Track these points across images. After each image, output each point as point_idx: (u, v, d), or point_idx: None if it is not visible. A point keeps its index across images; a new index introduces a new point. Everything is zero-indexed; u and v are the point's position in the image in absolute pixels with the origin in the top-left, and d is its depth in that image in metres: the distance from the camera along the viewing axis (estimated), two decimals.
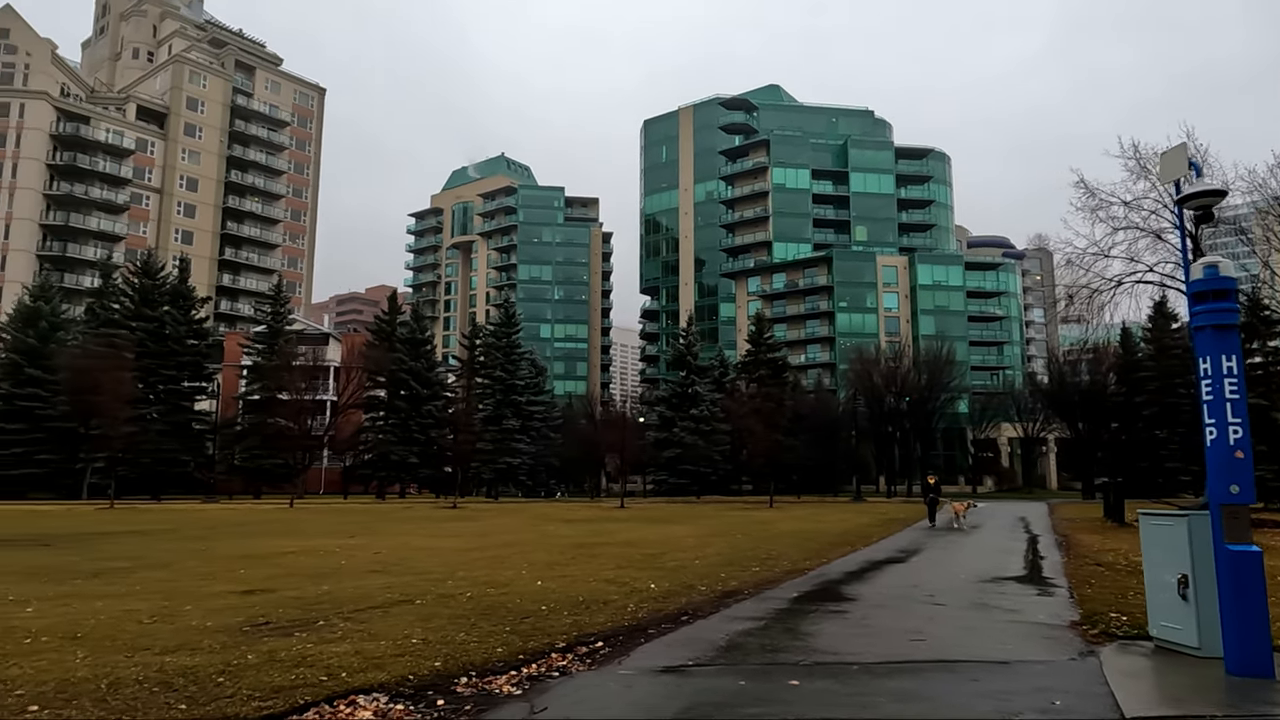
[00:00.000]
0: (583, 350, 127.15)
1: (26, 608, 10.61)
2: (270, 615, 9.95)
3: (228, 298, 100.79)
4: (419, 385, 65.24)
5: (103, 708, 6.11)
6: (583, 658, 7.86)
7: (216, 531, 25.86)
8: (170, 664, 7.39)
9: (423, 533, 25.72)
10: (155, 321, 61.48)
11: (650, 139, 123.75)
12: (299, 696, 6.40)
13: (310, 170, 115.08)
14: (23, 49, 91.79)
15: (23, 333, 57.98)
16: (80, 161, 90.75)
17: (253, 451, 60.30)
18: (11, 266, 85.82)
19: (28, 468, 54.14)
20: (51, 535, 23.88)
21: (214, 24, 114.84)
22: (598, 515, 37.66)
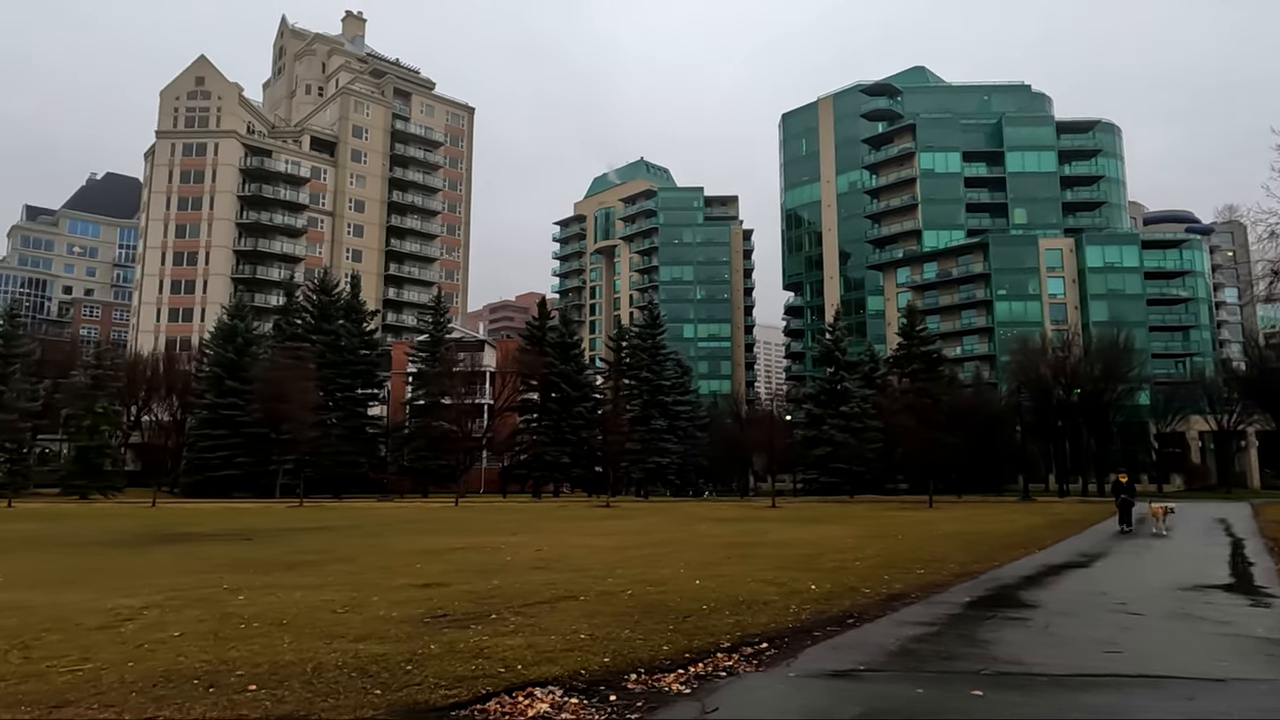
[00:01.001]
0: (726, 349, 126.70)
1: (238, 596, 11.75)
2: (447, 608, 10.51)
3: (393, 310, 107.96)
4: (569, 387, 67.24)
5: (309, 689, 6.66)
6: (749, 658, 7.79)
7: (392, 528, 27.68)
8: (363, 651, 7.96)
9: (579, 531, 26.45)
10: (332, 334, 66.77)
11: (789, 132, 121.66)
12: (480, 686, 6.71)
13: (463, 186, 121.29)
14: (215, 94, 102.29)
15: (223, 349, 64.55)
16: (265, 191, 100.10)
17: (420, 453, 64.19)
18: (212, 289, 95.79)
19: (229, 469, 60.23)
20: (252, 530, 26.38)
21: (374, 56, 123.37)
22: (748, 515, 37.36)
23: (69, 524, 30.36)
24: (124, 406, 67.51)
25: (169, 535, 24.46)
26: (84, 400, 60.34)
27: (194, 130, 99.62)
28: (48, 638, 8.72)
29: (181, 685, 6.80)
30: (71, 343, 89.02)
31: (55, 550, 19.97)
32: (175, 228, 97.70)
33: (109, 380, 62.85)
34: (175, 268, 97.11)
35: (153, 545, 21.26)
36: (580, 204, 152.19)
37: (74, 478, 59.20)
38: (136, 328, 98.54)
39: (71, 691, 6.63)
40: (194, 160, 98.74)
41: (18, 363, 63.23)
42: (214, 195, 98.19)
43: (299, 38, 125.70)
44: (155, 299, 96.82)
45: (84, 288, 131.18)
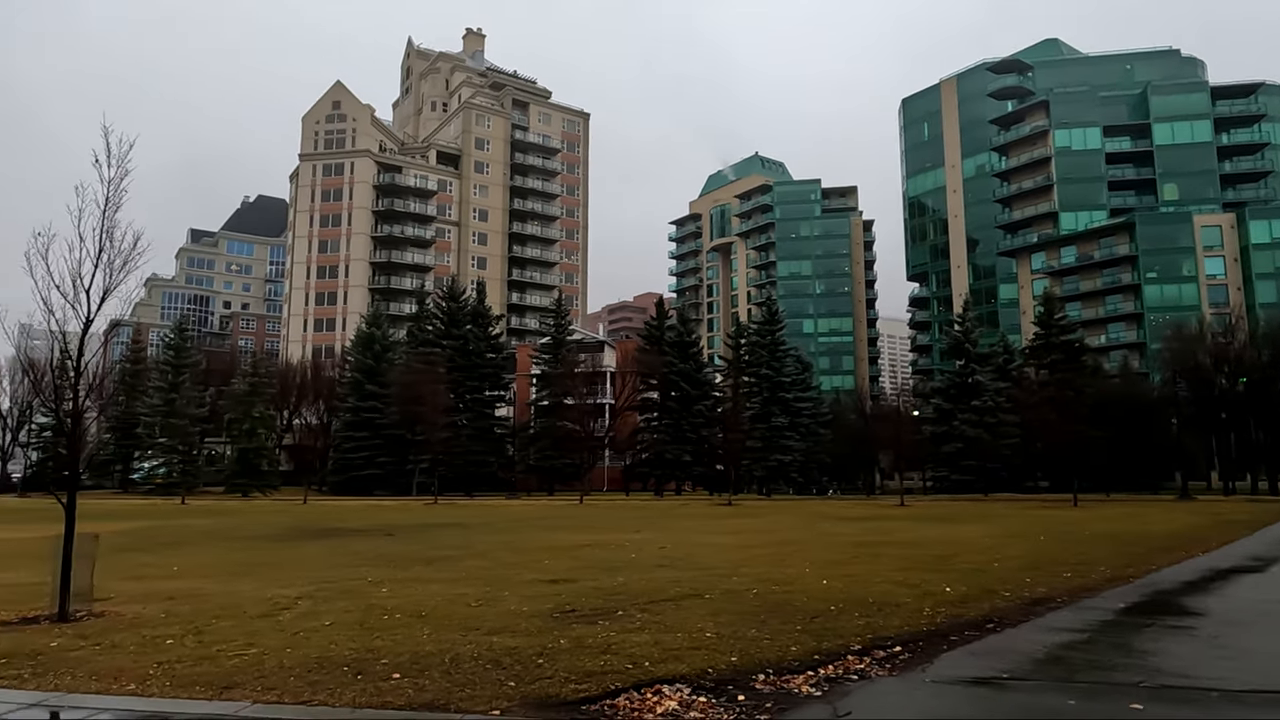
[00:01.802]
0: (848, 344, 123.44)
1: (381, 588, 12.43)
2: (575, 604, 10.73)
3: (517, 314, 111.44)
4: (688, 386, 67.34)
5: (448, 679, 6.95)
6: (881, 662, 7.54)
7: (521, 525, 28.57)
8: (497, 644, 8.23)
9: (702, 529, 26.43)
10: (461, 339, 69.63)
11: (909, 117, 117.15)
12: (609, 682, 6.81)
13: (580, 190, 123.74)
14: (350, 116, 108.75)
15: (362, 355, 68.56)
16: (396, 205, 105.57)
17: (545, 452, 65.95)
18: (351, 299, 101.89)
19: (371, 469, 63.90)
20: (393, 526, 27.85)
21: (493, 69, 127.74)
22: (875, 513, 36.26)
23: (233, 519, 33.04)
24: (277, 411, 72.85)
25: (319, 530, 26.18)
26: (243, 406, 65.57)
27: (332, 151, 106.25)
28: (218, 624, 9.51)
29: (333, 671, 7.25)
30: (231, 353, 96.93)
31: (223, 544, 21.77)
32: (318, 243, 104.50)
33: (264, 387, 68.06)
34: (318, 281, 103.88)
35: (305, 540, 22.82)
36: (695, 202, 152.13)
37: (236, 477, 64.48)
38: (286, 338, 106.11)
39: (238, 674, 7.19)
40: (333, 180, 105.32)
41: (187, 373, 69.43)
42: (351, 211, 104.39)
43: (424, 57, 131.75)
44: (302, 311, 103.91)
45: (241, 302, 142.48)
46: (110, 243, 10.28)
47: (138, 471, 71.60)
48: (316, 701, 6.36)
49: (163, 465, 68.36)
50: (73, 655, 7.93)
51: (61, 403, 11.37)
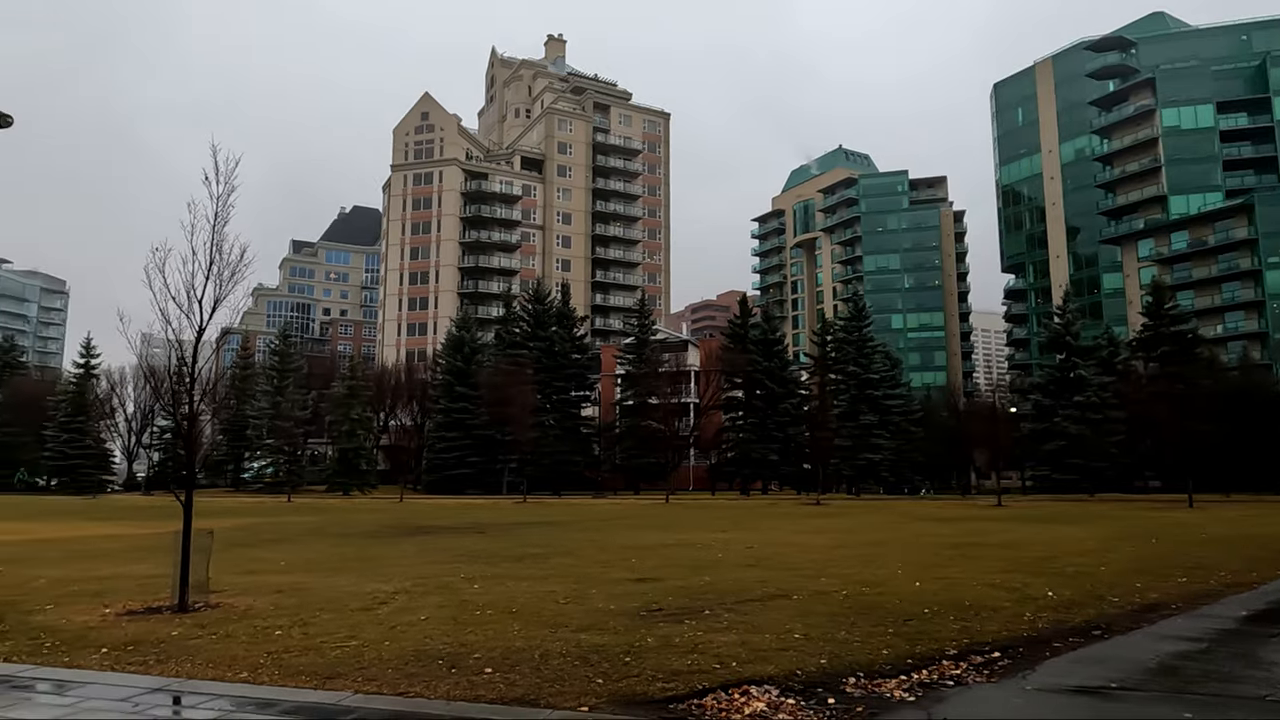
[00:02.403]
0: (939, 339, 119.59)
1: (473, 585, 12.76)
2: (661, 602, 10.76)
3: (600, 315, 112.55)
4: (774, 384, 66.59)
5: (538, 675, 7.08)
6: (978, 668, 7.28)
7: (607, 524, 28.83)
8: (585, 641, 8.34)
9: (789, 528, 26.10)
10: (546, 341, 70.84)
11: (1002, 103, 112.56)
12: (696, 681, 6.80)
13: (661, 190, 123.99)
14: (438, 127, 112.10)
15: (452, 358, 70.58)
16: (483, 211, 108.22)
17: (630, 451, 66.42)
18: (441, 304, 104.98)
19: (463, 468, 65.73)
20: (483, 524, 28.55)
21: (574, 74, 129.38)
22: (971, 514, 35.02)
23: (334, 516, 34.52)
24: (374, 413, 75.73)
25: (414, 528, 27.08)
26: (342, 408, 68.49)
27: (421, 161, 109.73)
28: (321, 616, 9.96)
29: (428, 664, 7.49)
30: (331, 358, 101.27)
31: (325, 540, 22.77)
32: (409, 250, 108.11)
33: (362, 390, 70.90)
34: (410, 286, 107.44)
35: (401, 537, 23.64)
36: (778, 198, 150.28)
37: (337, 476, 67.43)
38: (382, 342, 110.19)
39: (340, 665, 7.51)
40: (422, 188, 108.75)
41: (290, 377, 73.01)
42: (440, 218, 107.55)
43: (507, 66, 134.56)
44: (396, 316, 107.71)
45: (339, 309, 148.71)
46: (220, 255, 10.92)
47: (248, 471, 75.72)
48: (413, 693, 6.58)
49: (270, 465, 72.15)
50: (191, 644, 8.44)
51: (179, 407, 12.13)
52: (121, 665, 7.58)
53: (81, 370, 77.15)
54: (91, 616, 10.07)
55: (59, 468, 72.25)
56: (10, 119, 11.06)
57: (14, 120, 11.08)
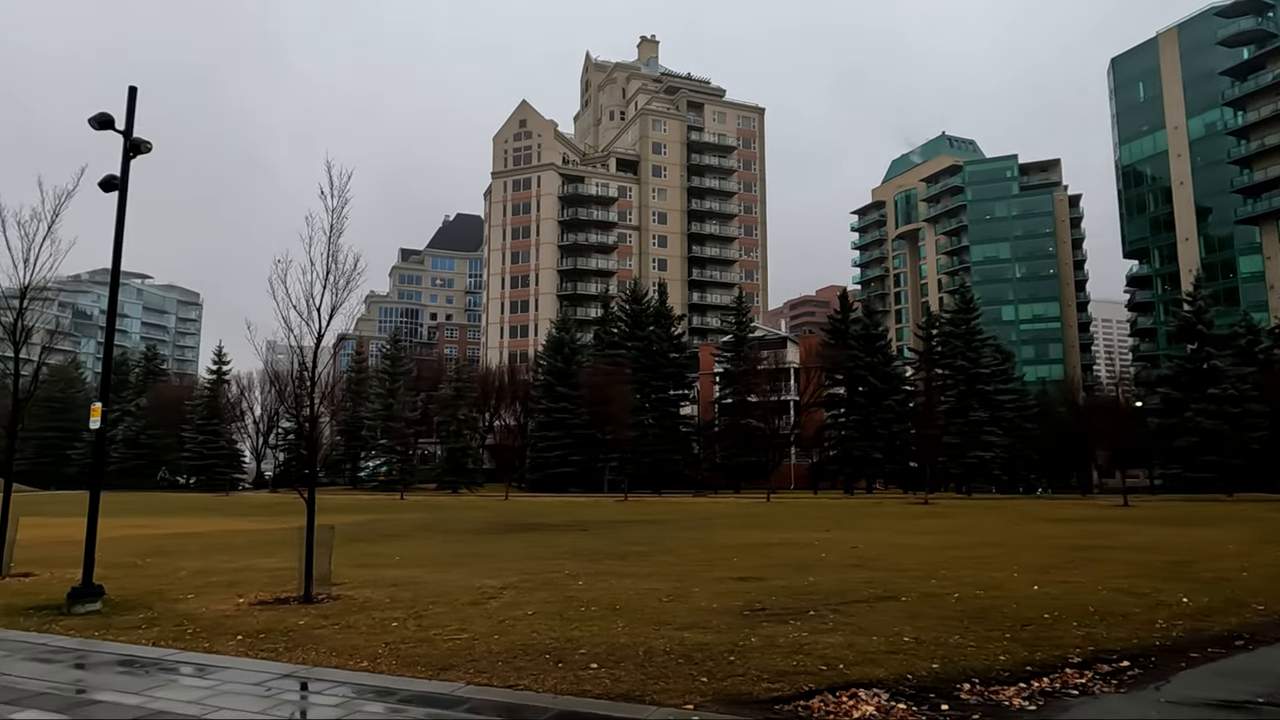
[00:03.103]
0: (1054, 330, 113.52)
1: (578, 581, 12.97)
2: (764, 602, 10.66)
3: (697, 313, 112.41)
4: (877, 380, 64.83)
5: (642, 671, 7.13)
6: (1105, 677, 6.88)
7: (709, 523, 28.77)
8: (688, 639, 8.35)
9: (896, 529, 25.37)
10: (644, 341, 71.30)
11: (1120, 78, 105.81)
12: (802, 683, 6.70)
13: (757, 186, 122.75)
14: (536, 133, 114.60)
15: (552, 359, 72.01)
16: (580, 214, 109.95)
17: (730, 450, 66.01)
18: (541, 307, 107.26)
19: (565, 467, 66.96)
20: (586, 522, 28.99)
21: (667, 74, 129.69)
22: (1093, 514, 33.11)
23: (444, 514, 35.80)
24: (480, 413, 78.08)
25: (519, 525, 27.77)
26: (450, 409, 70.93)
27: (520, 168, 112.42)
28: (434, 609, 10.34)
29: (536, 658, 7.66)
30: (438, 361, 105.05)
31: (436, 536, 23.65)
32: (510, 255, 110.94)
33: (467, 391, 73.25)
34: (512, 290, 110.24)
35: (507, 534, 24.29)
36: (878, 189, 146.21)
37: (446, 474, 69.92)
38: (485, 345, 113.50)
39: (453, 656, 7.78)
40: (521, 194, 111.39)
41: (401, 380, 76.13)
42: (539, 223, 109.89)
43: (601, 70, 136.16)
44: (498, 319, 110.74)
45: (445, 313, 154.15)
46: (335, 265, 11.50)
47: (364, 469, 79.43)
48: (522, 686, 6.75)
49: (384, 464, 75.48)
50: (316, 633, 8.93)
51: (301, 409, 12.85)
52: (254, 652, 8.09)
53: (214, 376, 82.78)
54: (227, 606, 10.79)
55: (196, 467, 77.73)
56: (149, 145, 11.97)
57: (153, 146, 11.99)
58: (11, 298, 14.65)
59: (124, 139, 11.87)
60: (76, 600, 10.56)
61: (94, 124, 11.65)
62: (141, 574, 14.31)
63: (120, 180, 11.87)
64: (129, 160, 11.91)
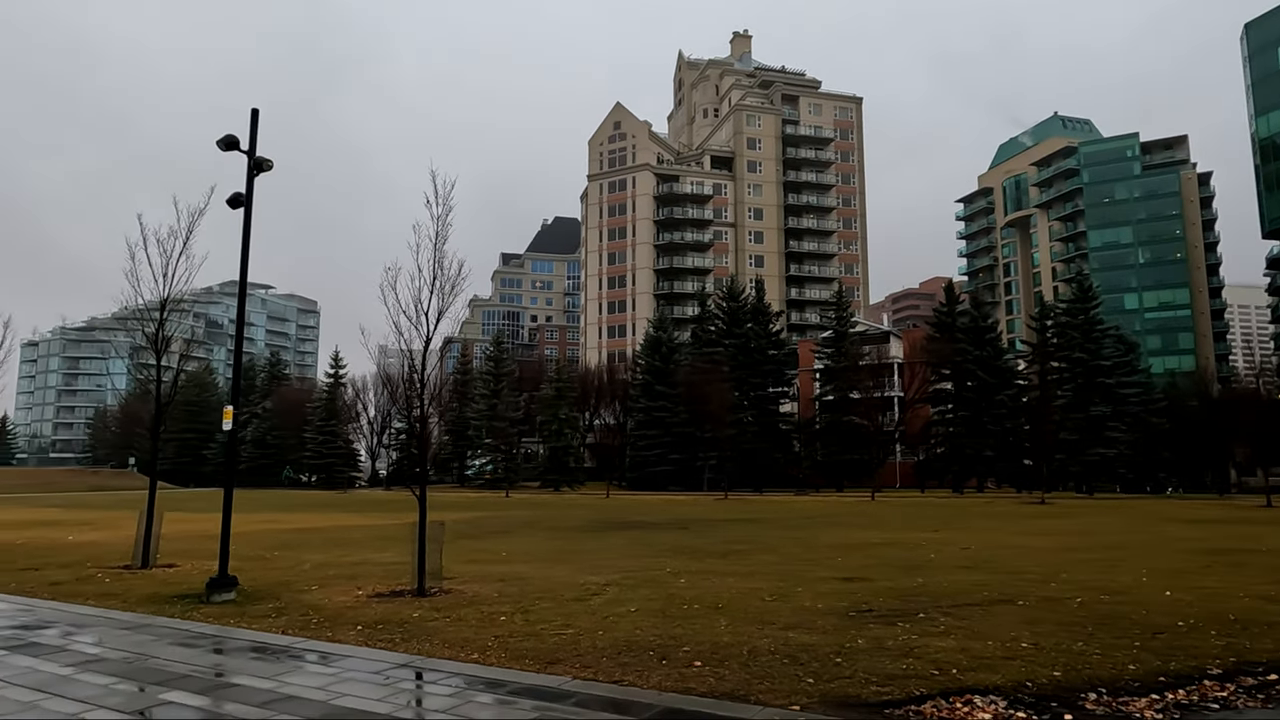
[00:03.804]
0: (1184, 318, 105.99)
1: (679, 579, 13.00)
2: (871, 603, 10.40)
3: (796, 309, 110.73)
4: (986, 375, 62.18)
5: (746, 671, 7.09)
6: (1249, 691, 6.39)
7: (811, 521, 28.30)
8: (793, 640, 8.24)
9: (1010, 529, 24.28)
10: (742, 338, 70.78)
11: (1255, 44, 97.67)
12: (912, 687, 6.50)
13: (855, 178, 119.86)
14: (630, 134, 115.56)
15: (650, 358, 72.43)
16: (675, 213, 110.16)
17: (831, 448, 64.74)
18: (638, 306, 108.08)
19: (663, 465, 67.22)
20: (687, 520, 29.01)
21: (761, 69, 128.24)
22: (1231, 515, 30.76)
23: (547, 511, 36.55)
24: (580, 412, 79.33)
25: (620, 523, 28.05)
26: (551, 409, 72.37)
27: (615, 170, 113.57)
28: (540, 605, 10.58)
29: (640, 655, 7.73)
30: (539, 362, 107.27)
31: (540, 533, 24.17)
32: (607, 256, 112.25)
33: (568, 391, 74.55)
34: (609, 290, 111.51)
35: (609, 531, 24.58)
36: (985, 176, 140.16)
37: (548, 472, 71.41)
38: (584, 345, 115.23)
39: (559, 651, 7.94)
40: (617, 195, 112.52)
41: (504, 381, 78.22)
42: (635, 223, 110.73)
43: (693, 68, 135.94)
44: (596, 319, 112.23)
45: (544, 315, 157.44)
46: (441, 271, 11.92)
47: (470, 468, 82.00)
48: (626, 681, 6.82)
49: (489, 462, 77.73)
50: (429, 625, 9.28)
51: (412, 409, 13.37)
52: (373, 642, 8.48)
53: (332, 380, 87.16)
54: (347, 597, 11.35)
55: (316, 465, 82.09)
56: (270, 163, 12.74)
57: (274, 164, 12.75)
58: (153, 310, 15.88)
59: (248, 158, 12.66)
60: (214, 590, 11.34)
61: (221, 145, 12.48)
62: (269, 566, 15.22)
63: (245, 197, 12.67)
64: (253, 177, 12.69)
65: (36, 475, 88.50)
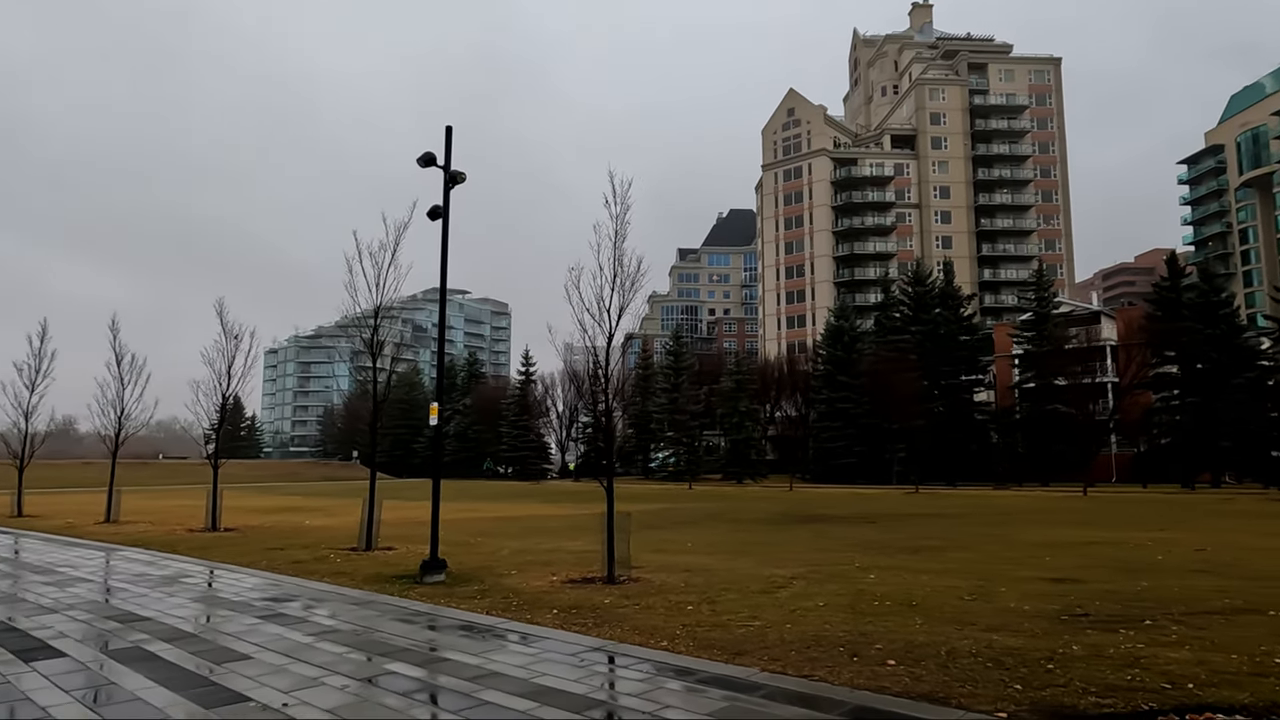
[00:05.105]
0: None
1: (869, 575, 12.59)
2: (1086, 607, 9.56)
3: (989, 291, 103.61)
4: (1220, 356, 55.08)
5: (945, 673, 6.74)
6: None
7: (1011, 518, 26.43)
8: (996, 642, 7.73)
9: (1253, 530, 21.41)
10: (929, 324, 67.23)
11: None
12: (1139, 700, 5.91)
13: (1055, 146, 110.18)
14: (805, 120, 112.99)
15: (832, 348, 70.57)
16: (854, 198, 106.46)
17: (1034, 439, 60.03)
18: (818, 295, 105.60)
19: (847, 458, 65.28)
20: (874, 514, 28.03)
21: (944, 39, 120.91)
22: None
23: (729, 504, 36.64)
24: (760, 405, 78.81)
25: (804, 516, 27.59)
26: (731, 402, 72.45)
27: (790, 157, 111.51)
28: (726, 596, 10.63)
29: (829, 650, 7.56)
30: (718, 355, 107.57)
31: (723, 525, 24.28)
32: (783, 246, 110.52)
33: (747, 384, 74.34)
34: (787, 280, 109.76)
35: (792, 524, 24.25)
36: (1213, 131, 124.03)
37: (729, 465, 71.55)
38: (763, 337, 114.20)
39: (746, 643, 7.93)
40: (792, 183, 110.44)
41: (684, 375, 79.18)
42: (811, 211, 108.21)
43: (869, 45, 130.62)
44: (775, 310, 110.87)
45: (722, 308, 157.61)
46: (621, 268, 12.24)
47: (653, 460, 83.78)
48: (817, 676, 6.70)
49: (671, 455, 79.03)
50: (619, 611, 9.59)
51: (597, 404, 13.87)
52: (568, 625, 8.89)
53: (523, 377, 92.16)
54: (543, 582, 11.97)
55: (511, 458, 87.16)
56: (464, 175, 13.66)
57: (467, 177, 13.66)
58: (368, 317, 17.53)
59: (444, 173, 13.64)
60: (426, 572, 12.36)
61: (420, 162, 13.52)
62: (473, 551, 16.34)
63: (443, 209, 13.65)
64: (449, 190, 13.65)
65: (279, 467, 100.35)
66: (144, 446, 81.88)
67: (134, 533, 21.79)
